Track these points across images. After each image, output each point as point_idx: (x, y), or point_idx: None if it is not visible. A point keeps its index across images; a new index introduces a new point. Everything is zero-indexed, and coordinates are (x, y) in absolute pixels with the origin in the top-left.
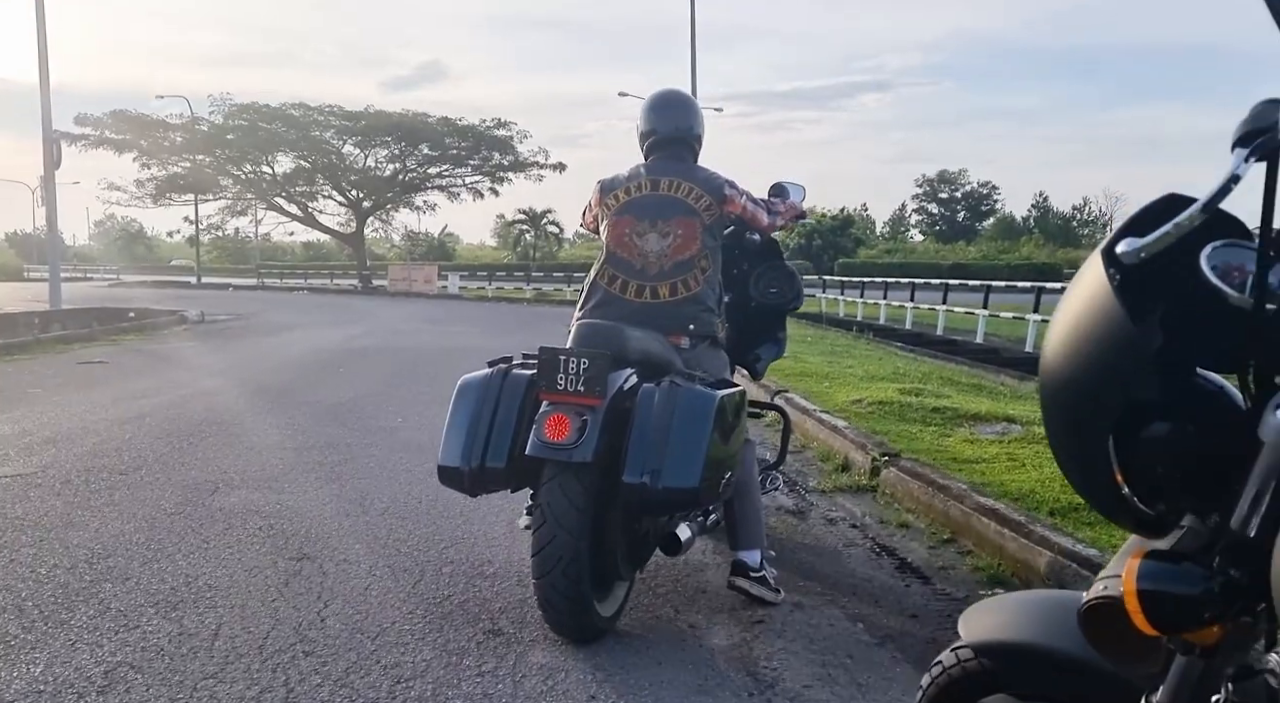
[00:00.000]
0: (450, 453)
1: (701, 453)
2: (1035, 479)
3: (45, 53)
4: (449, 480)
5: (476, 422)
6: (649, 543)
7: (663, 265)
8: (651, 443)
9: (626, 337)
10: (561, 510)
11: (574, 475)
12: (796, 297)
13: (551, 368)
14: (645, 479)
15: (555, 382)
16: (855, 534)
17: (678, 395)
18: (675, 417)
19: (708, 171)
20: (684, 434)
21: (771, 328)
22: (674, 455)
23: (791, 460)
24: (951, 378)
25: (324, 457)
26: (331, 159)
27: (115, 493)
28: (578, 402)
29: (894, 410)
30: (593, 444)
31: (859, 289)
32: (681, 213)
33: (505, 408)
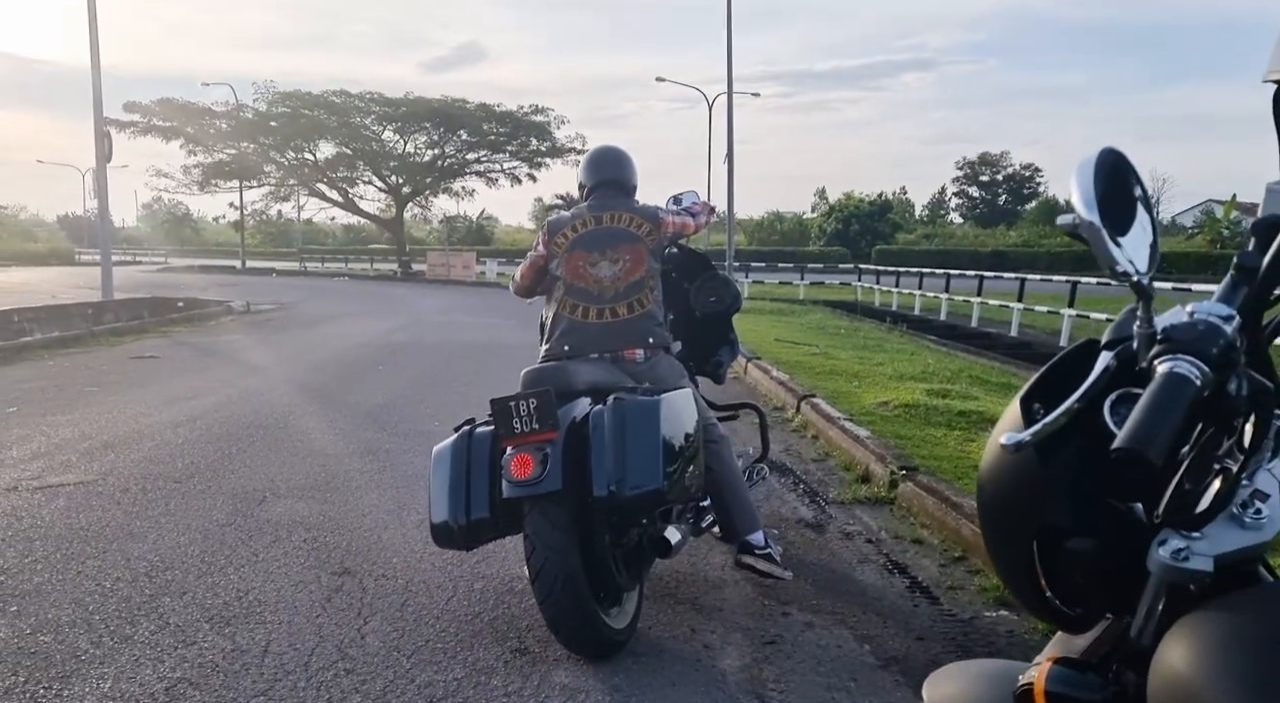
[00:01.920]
0: (439, 514)
1: (657, 454)
2: None
3: (97, 47)
4: (443, 540)
5: (456, 482)
6: (643, 549)
7: (617, 288)
8: (610, 456)
9: (570, 371)
10: (546, 535)
11: (551, 503)
12: (735, 299)
13: (506, 415)
14: (612, 489)
15: (512, 427)
16: (870, 550)
17: (624, 408)
18: (626, 427)
19: (641, 204)
20: (637, 441)
21: (721, 333)
22: (633, 462)
23: (814, 469)
24: (982, 377)
25: (363, 464)
26: (372, 145)
27: (171, 502)
28: (536, 439)
29: (919, 414)
30: (558, 473)
31: (894, 277)
32: (627, 240)
33: (477, 463)
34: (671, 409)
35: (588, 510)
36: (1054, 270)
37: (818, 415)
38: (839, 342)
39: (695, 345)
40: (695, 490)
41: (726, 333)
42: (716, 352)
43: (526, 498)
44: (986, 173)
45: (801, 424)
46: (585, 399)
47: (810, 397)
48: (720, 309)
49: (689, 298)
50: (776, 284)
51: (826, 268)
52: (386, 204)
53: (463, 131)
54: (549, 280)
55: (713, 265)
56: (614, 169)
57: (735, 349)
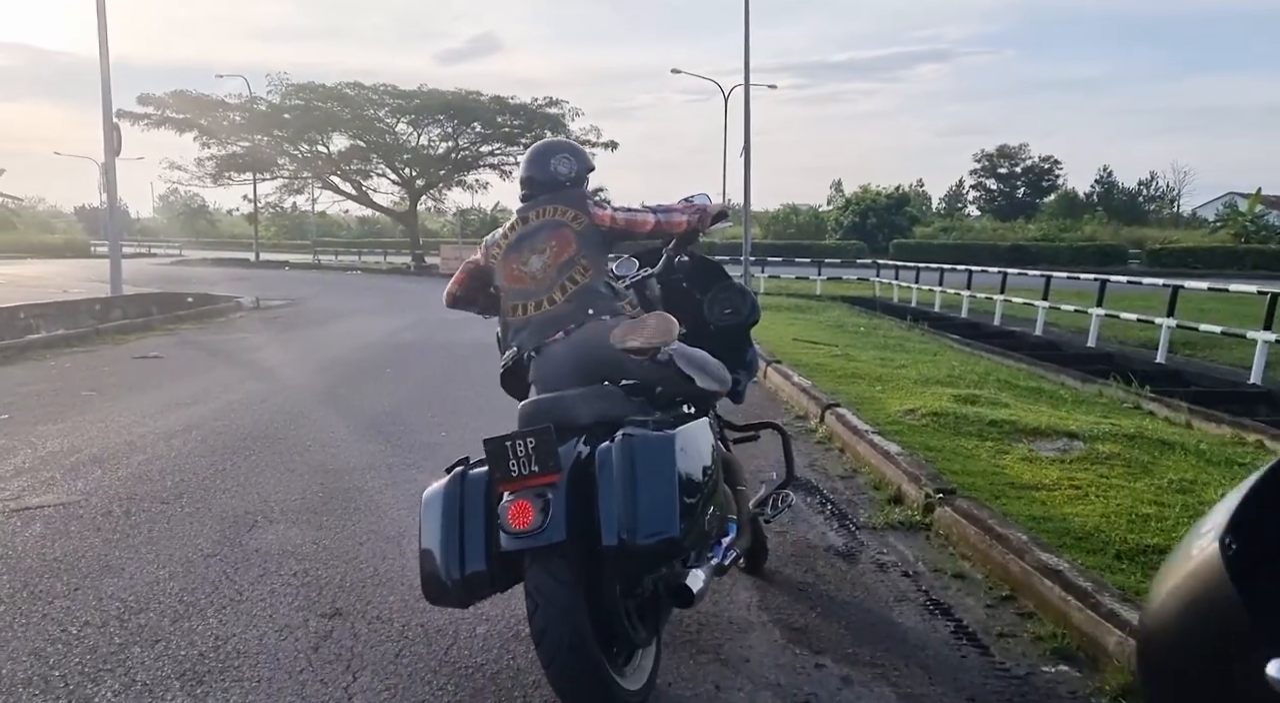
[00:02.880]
0: (429, 567)
1: (674, 497)
2: (1100, 513)
3: (105, 40)
4: (436, 597)
5: (448, 532)
6: (660, 599)
7: (549, 275)
8: (620, 500)
9: (571, 403)
10: (550, 592)
11: (555, 555)
12: (752, 311)
13: (501, 457)
14: (623, 537)
15: (509, 470)
16: (908, 585)
17: (634, 446)
18: (637, 467)
19: (571, 192)
20: (650, 483)
21: (738, 349)
22: (646, 507)
23: (841, 488)
24: (1010, 380)
25: (364, 481)
26: (385, 138)
27: (155, 528)
28: (536, 483)
29: (948, 423)
30: (561, 521)
31: (913, 273)
32: (550, 228)
33: (471, 511)
34: (688, 442)
35: (596, 560)
36: (1076, 265)
37: (843, 427)
38: (859, 341)
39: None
40: (716, 533)
41: (744, 348)
42: (734, 369)
43: (527, 550)
44: (1004, 165)
45: (826, 436)
46: (591, 433)
47: (835, 406)
48: (736, 322)
49: (702, 310)
50: (793, 279)
51: (844, 263)
52: (400, 197)
53: (476, 124)
54: (492, 295)
55: (727, 275)
56: (538, 167)
57: (753, 367)
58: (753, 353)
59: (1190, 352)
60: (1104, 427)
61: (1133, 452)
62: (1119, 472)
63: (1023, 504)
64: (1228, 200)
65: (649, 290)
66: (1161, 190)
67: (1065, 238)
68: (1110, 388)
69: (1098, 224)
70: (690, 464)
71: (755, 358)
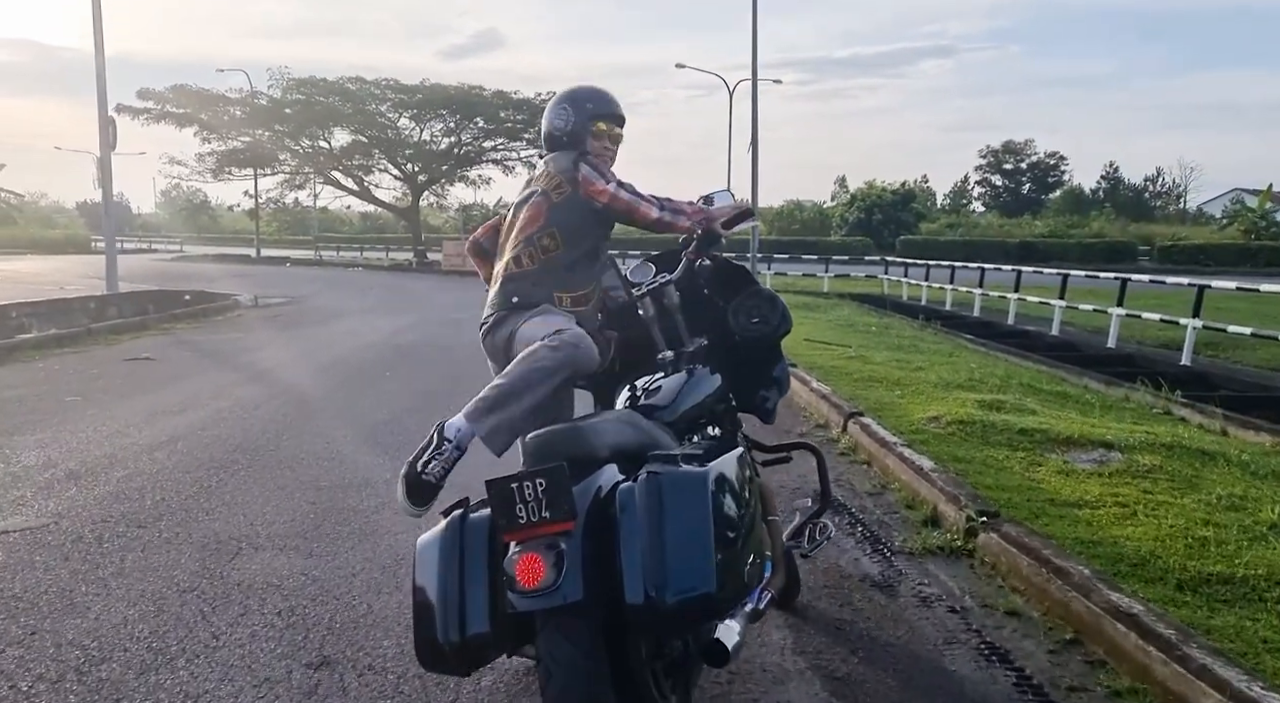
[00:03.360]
0: (425, 632)
1: (708, 546)
2: (1153, 536)
3: (100, 32)
4: (432, 663)
5: (445, 589)
6: (691, 659)
7: (516, 244)
8: (646, 551)
9: (586, 433)
10: (567, 658)
11: (570, 615)
12: (783, 320)
13: (506, 502)
14: (651, 595)
15: (515, 517)
16: (956, 624)
17: (661, 486)
18: (665, 512)
19: (568, 155)
20: (681, 530)
21: (767, 363)
22: (676, 559)
23: (871, 506)
24: (1032, 384)
25: (359, 501)
26: (387, 133)
27: (128, 557)
28: (547, 531)
29: (976, 432)
30: (577, 577)
31: (924, 270)
32: (532, 198)
33: (472, 563)
34: (723, 479)
35: (615, 617)
36: (1085, 263)
37: (869, 438)
38: (872, 341)
39: (736, 379)
40: (755, 581)
41: (774, 362)
42: (762, 385)
43: (539, 611)
44: (1010, 161)
45: (850, 447)
46: (610, 467)
47: (858, 415)
48: (765, 333)
49: (726, 320)
50: (800, 276)
51: (851, 260)
52: (402, 193)
53: (479, 119)
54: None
55: (755, 280)
56: (545, 119)
57: (784, 383)
58: (783, 367)
59: (1213, 353)
60: (1138, 435)
61: (1174, 463)
62: (1163, 487)
63: (1066, 525)
64: (1234, 197)
65: (667, 298)
66: (1167, 186)
67: (1073, 234)
68: (1138, 392)
69: (1105, 221)
70: (727, 505)
71: (786, 373)
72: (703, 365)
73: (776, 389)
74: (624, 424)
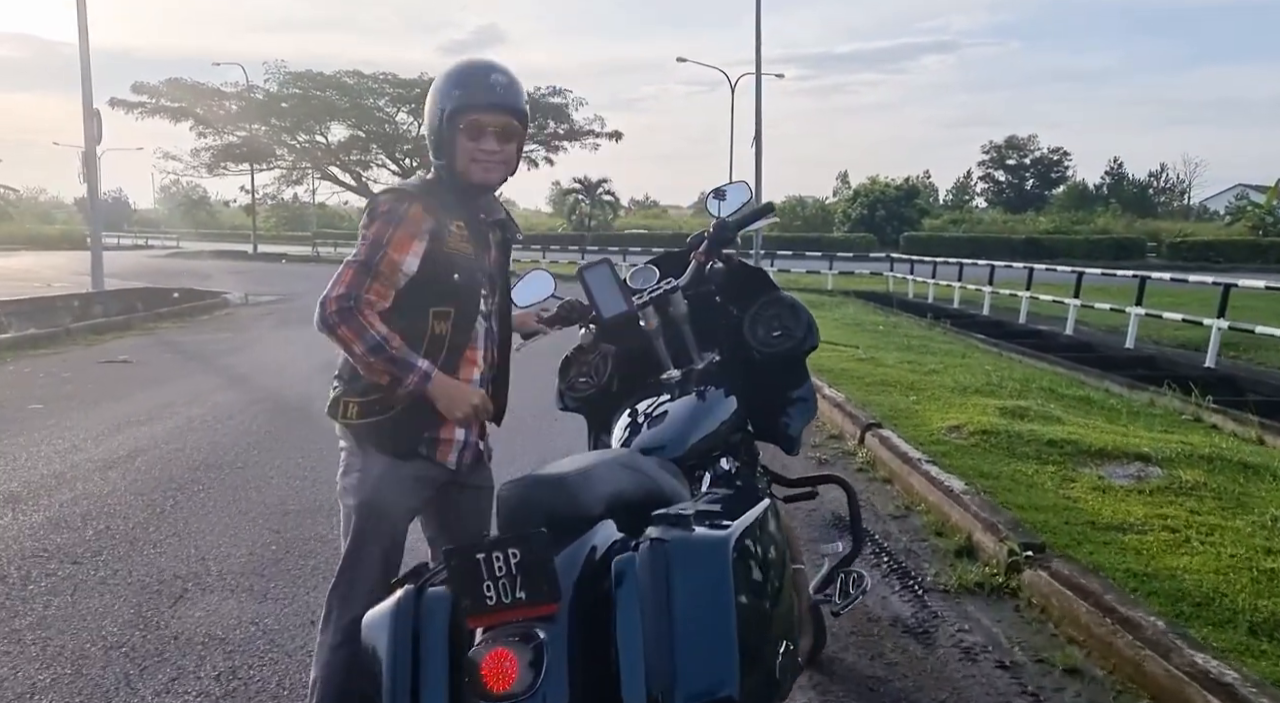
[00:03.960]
0: None
1: (729, 635)
2: (1214, 568)
3: (85, 26)
4: None
5: (394, 685)
6: None
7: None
8: (649, 641)
9: (574, 484)
10: None
11: None
12: (809, 332)
13: (472, 578)
14: (656, 699)
15: (483, 597)
16: (1008, 684)
17: (670, 557)
18: (675, 590)
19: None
20: (695, 614)
21: (790, 382)
22: (689, 652)
23: (896, 532)
24: (1053, 388)
25: (327, 528)
26: (385, 128)
27: (53, 603)
28: (522, 615)
29: (1000, 443)
30: (562, 678)
31: (931, 267)
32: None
33: (429, 653)
34: (749, 544)
35: None
36: (1092, 259)
37: (889, 452)
38: (881, 342)
39: (755, 400)
40: (789, 677)
41: (798, 381)
42: (785, 408)
43: None
44: (1013, 156)
45: (869, 461)
46: (605, 525)
47: (876, 426)
48: (787, 348)
49: (742, 332)
50: (803, 273)
51: (855, 256)
52: None
53: None
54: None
55: (775, 285)
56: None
57: (810, 405)
58: (808, 388)
59: (1235, 354)
60: (1174, 446)
61: (1217, 478)
62: (1210, 506)
63: (1113, 554)
64: (1239, 193)
65: (672, 307)
66: (1171, 182)
67: (1078, 230)
68: (1164, 397)
69: (1111, 216)
70: (753, 578)
71: (812, 394)
72: (715, 386)
73: (801, 414)
74: (621, 468)
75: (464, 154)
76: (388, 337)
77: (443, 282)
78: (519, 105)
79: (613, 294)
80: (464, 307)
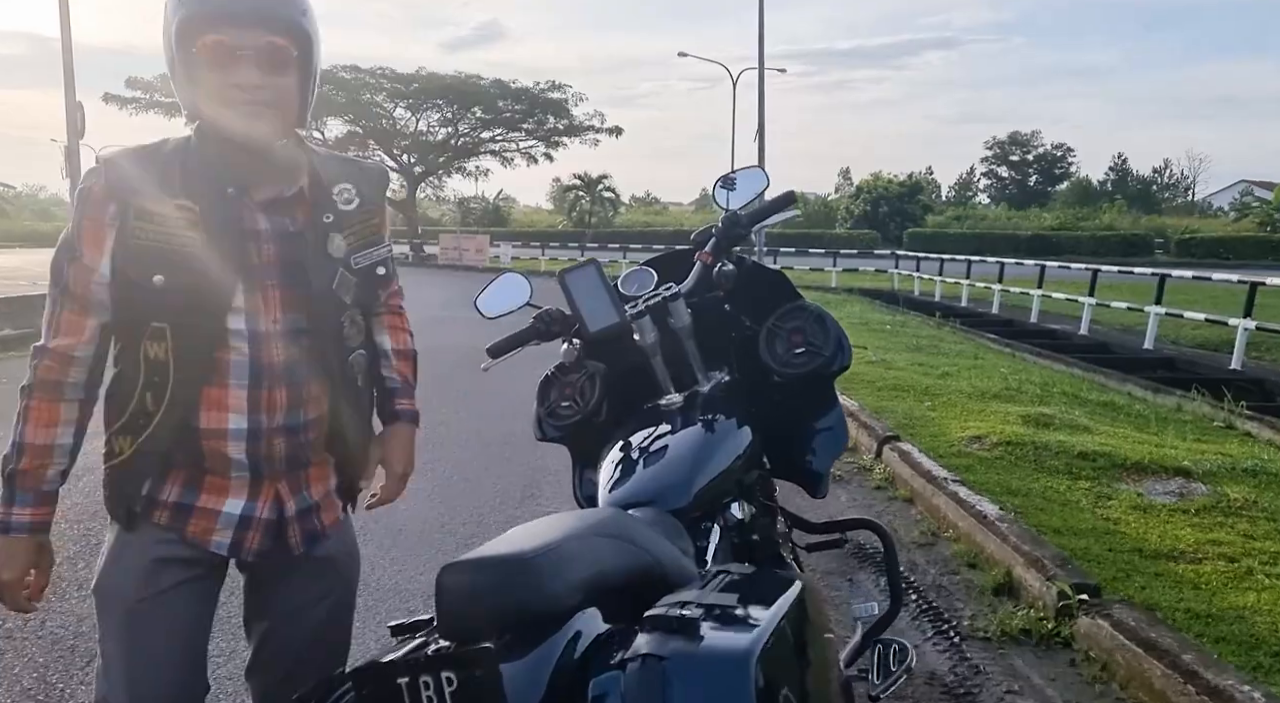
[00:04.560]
0: None
1: None
2: None
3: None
4: None
5: None
6: None
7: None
8: None
9: (542, 566)
10: None
11: None
12: (839, 350)
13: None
14: None
15: None
16: None
17: (668, 682)
18: None
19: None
20: None
21: (814, 409)
22: None
23: (923, 563)
24: (1075, 392)
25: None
26: (382, 123)
27: None
28: None
29: (1027, 455)
30: None
31: (938, 264)
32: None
33: None
34: (778, 653)
35: None
36: (1099, 255)
37: (909, 469)
38: (889, 342)
39: (772, 430)
40: None
41: (825, 408)
42: (810, 442)
43: None
44: (1017, 152)
45: (887, 478)
46: (586, 616)
47: (894, 439)
48: (812, 368)
49: (757, 348)
50: (806, 270)
51: (860, 253)
52: (399, 184)
53: (477, 109)
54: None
55: (796, 291)
56: None
57: (840, 436)
58: (838, 416)
59: (1257, 355)
60: (1213, 458)
61: (1266, 496)
62: (1265, 529)
63: (1168, 589)
64: (1244, 189)
65: (674, 319)
66: (1175, 178)
67: (1083, 227)
68: (1192, 402)
69: (1117, 213)
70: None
71: (842, 424)
72: (724, 414)
73: (828, 447)
74: (604, 538)
75: (210, 93)
76: (22, 445)
77: (145, 288)
78: (288, 14)
79: (601, 302)
80: (185, 323)
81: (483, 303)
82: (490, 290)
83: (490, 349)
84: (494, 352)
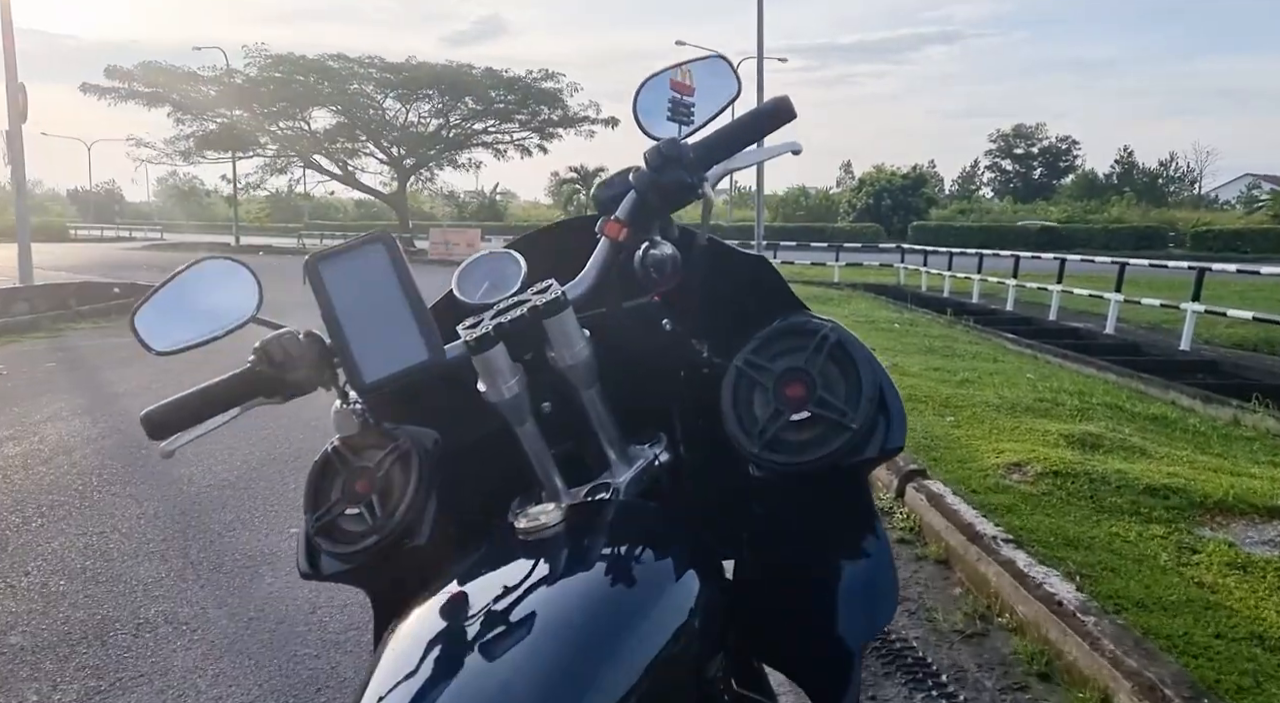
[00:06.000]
0: None
1: None
2: None
3: None
4: None
5: None
6: None
7: None
8: None
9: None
10: None
11: None
12: (883, 417)
13: None
14: None
15: None
16: None
17: None
18: None
19: None
20: None
21: (832, 532)
22: None
23: (968, 661)
24: (1116, 403)
25: (106, 657)
26: (371, 114)
27: None
28: None
29: (1081, 490)
30: None
31: (947, 258)
32: None
33: None
34: None
35: None
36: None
37: (941, 518)
38: (899, 343)
39: (751, 574)
40: None
41: (852, 530)
42: (823, 598)
43: None
44: (1021, 146)
45: (911, 527)
46: None
47: (919, 475)
48: (833, 454)
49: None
50: (808, 265)
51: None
52: (389, 177)
53: (469, 99)
54: None
55: (796, 301)
56: None
57: (887, 590)
58: (880, 546)
59: None
60: None
61: None
62: None
63: None
64: (1250, 182)
65: (555, 349)
66: (1182, 171)
67: (1093, 219)
68: (1253, 414)
69: (1125, 205)
70: None
71: (890, 565)
72: (653, 550)
73: (860, 615)
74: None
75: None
76: None
77: None
78: None
79: (395, 320)
80: None
81: (147, 322)
82: (164, 294)
83: (148, 419)
84: (158, 424)
